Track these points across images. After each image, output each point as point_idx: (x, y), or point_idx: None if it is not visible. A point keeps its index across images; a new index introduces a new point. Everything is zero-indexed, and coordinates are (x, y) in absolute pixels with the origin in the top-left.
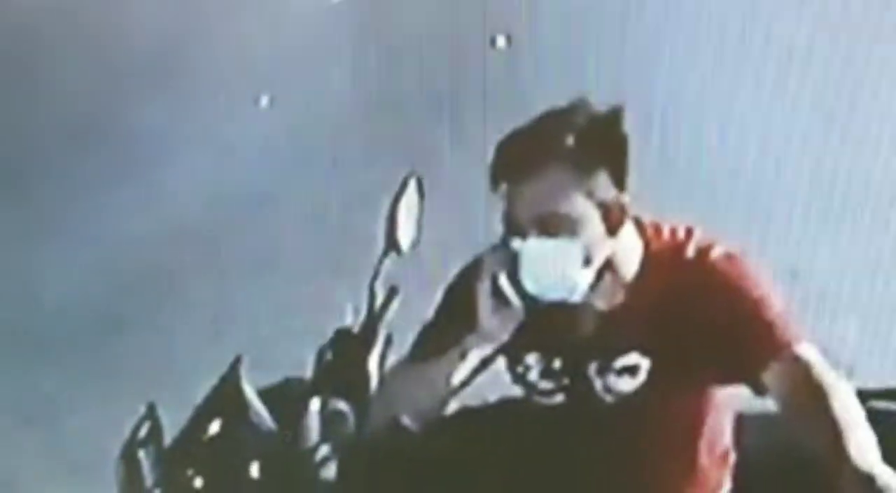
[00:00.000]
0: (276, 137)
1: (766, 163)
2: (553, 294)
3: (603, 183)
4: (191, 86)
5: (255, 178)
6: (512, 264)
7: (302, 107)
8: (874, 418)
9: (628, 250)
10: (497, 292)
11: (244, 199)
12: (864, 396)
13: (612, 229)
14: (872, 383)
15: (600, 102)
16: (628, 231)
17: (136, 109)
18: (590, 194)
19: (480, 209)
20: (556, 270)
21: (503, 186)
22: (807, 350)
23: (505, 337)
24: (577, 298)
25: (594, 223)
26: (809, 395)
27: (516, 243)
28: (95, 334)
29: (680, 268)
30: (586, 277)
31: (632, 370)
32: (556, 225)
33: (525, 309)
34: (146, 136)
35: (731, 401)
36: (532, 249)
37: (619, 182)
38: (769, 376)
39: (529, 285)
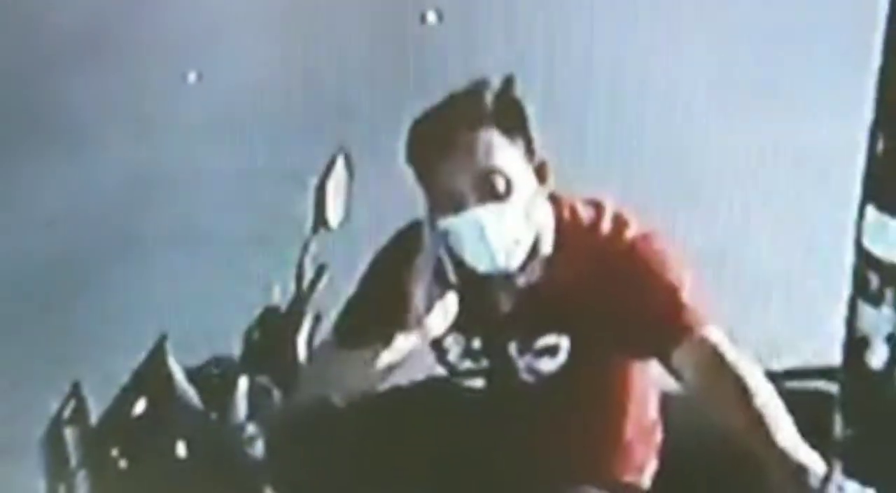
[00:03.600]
0: (203, 112)
1: (691, 141)
2: (502, 262)
3: (522, 147)
4: (118, 61)
5: (182, 154)
6: (449, 242)
7: (229, 83)
8: (797, 396)
9: (543, 225)
10: (438, 278)
11: (171, 175)
12: (788, 375)
13: (542, 179)
14: (796, 362)
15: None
16: (543, 204)
17: (60, 84)
18: (517, 153)
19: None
20: (506, 234)
21: (427, 164)
22: (713, 333)
23: (442, 327)
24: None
25: (528, 180)
26: (716, 377)
27: (452, 219)
28: (18, 314)
29: (595, 245)
30: (528, 239)
31: (552, 350)
32: (495, 184)
33: (461, 291)
34: (71, 111)
35: (655, 379)
36: (478, 217)
37: (531, 149)
38: (678, 358)
39: (478, 257)
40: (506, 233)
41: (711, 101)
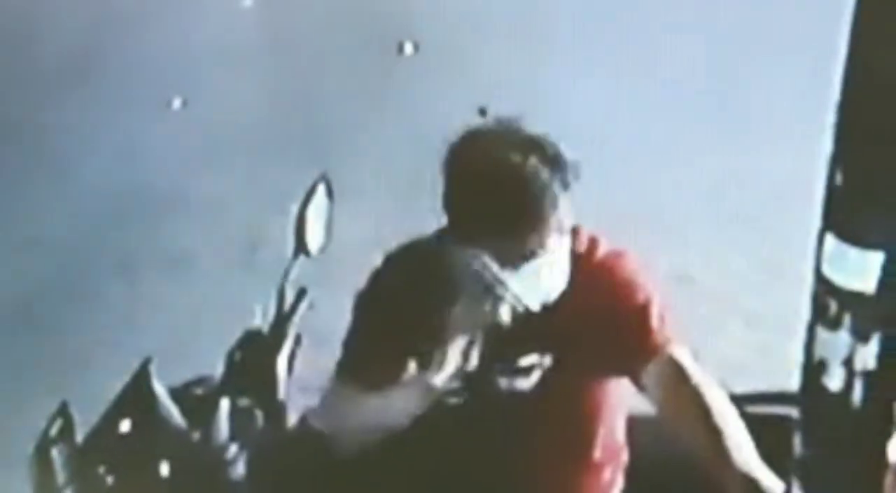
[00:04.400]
0: (188, 138)
1: (655, 168)
2: (541, 303)
3: (561, 200)
4: (105, 87)
5: (166, 178)
6: (504, 291)
7: (213, 109)
8: (756, 420)
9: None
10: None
11: (156, 199)
12: (749, 399)
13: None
14: (754, 387)
15: (504, 111)
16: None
17: (49, 110)
18: (554, 211)
19: (388, 212)
20: (558, 279)
21: (494, 212)
22: (680, 352)
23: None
24: None
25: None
26: (679, 395)
27: (525, 266)
28: (6, 333)
29: (574, 266)
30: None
31: (529, 370)
32: (561, 234)
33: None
34: (60, 136)
35: (624, 401)
36: (540, 269)
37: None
38: (646, 376)
39: (526, 298)
40: (558, 278)
41: (675, 129)
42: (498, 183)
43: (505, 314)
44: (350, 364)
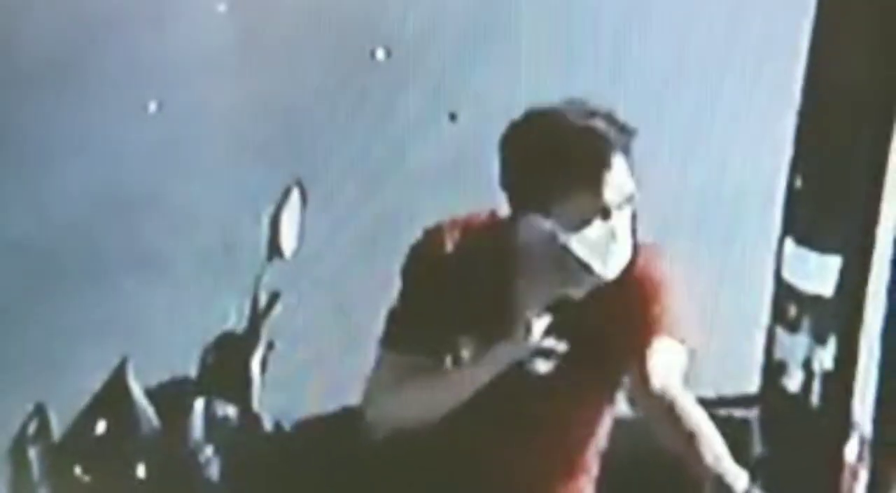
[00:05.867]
0: (163, 141)
1: None
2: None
3: (619, 160)
4: (80, 90)
5: (142, 181)
6: (570, 258)
7: (189, 113)
8: (718, 423)
9: None
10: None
11: (131, 202)
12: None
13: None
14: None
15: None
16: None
17: (24, 112)
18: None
19: (361, 215)
20: (618, 250)
21: (560, 173)
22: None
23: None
24: None
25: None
26: (660, 398)
27: (573, 235)
28: None
29: None
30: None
31: (547, 353)
32: (626, 198)
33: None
34: (34, 138)
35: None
36: (602, 235)
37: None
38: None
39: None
40: (624, 246)
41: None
42: (558, 139)
43: (576, 287)
44: (404, 338)
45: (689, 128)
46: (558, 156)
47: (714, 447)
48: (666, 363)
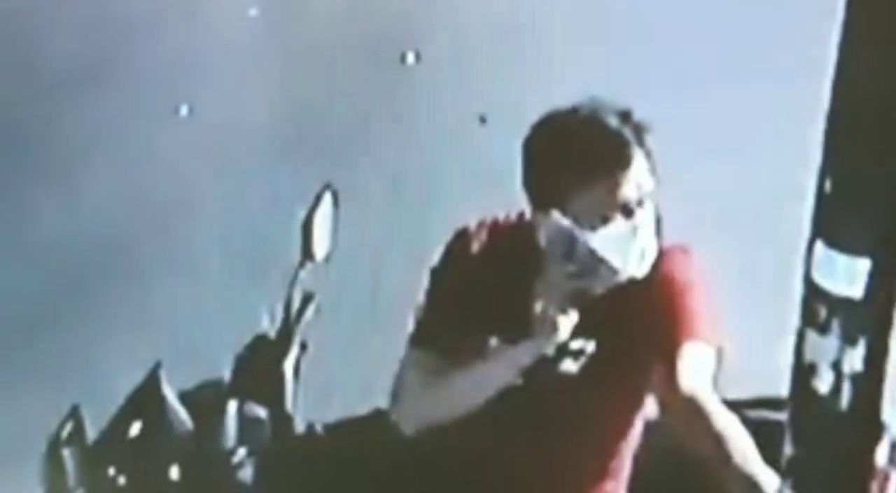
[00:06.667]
0: (194, 145)
1: None
2: (635, 270)
3: (637, 154)
4: (112, 94)
5: (174, 185)
6: (591, 255)
7: (220, 116)
8: (748, 426)
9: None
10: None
11: (163, 206)
12: (738, 405)
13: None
14: (748, 392)
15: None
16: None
17: (57, 116)
18: (631, 165)
19: (392, 219)
20: (643, 247)
21: (578, 174)
22: (687, 362)
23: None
24: None
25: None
26: (688, 399)
27: (594, 233)
28: (17, 337)
29: None
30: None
31: (577, 354)
32: (642, 197)
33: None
34: (68, 142)
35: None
36: (623, 232)
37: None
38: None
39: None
40: (650, 244)
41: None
42: (573, 137)
43: (599, 283)
44: (431, 336)
45: (719, 129)
46: (573, 153)
47: (743, 450)
48: (694, 366)
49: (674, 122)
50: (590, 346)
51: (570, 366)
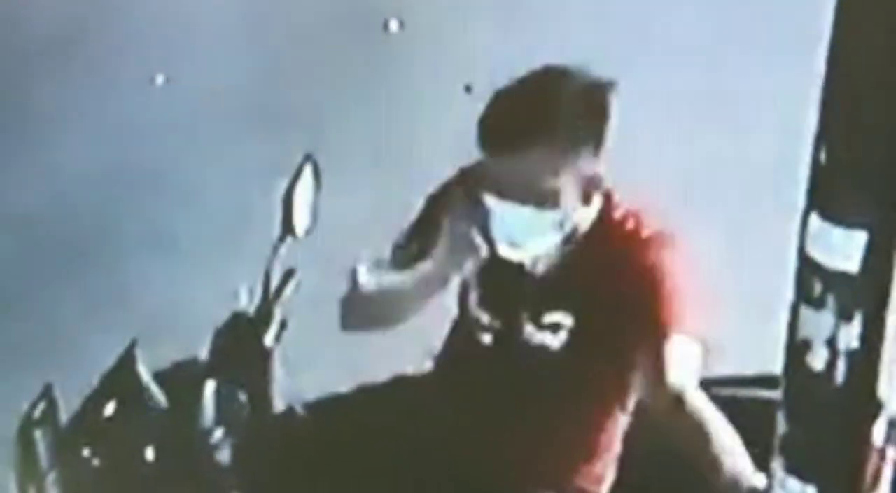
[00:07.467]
0: (171, 115)
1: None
2: (516, 255)
3: (585, 155)
4: (86, 63)
5: (149, 157)
6: (484, 220)
7: (197, 85)
8: (740, 403)
9: (585, 219)
10: (462, 236)
11: (139, 178)
12: (730, 382)
13: (587, 199)
14: (740, 369)
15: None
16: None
17: (30, 87)
18: (573, 168)
19: (375, 190)
20: (529, 236)
21: (489, 150)
22: (672, 355)
23: (458, 275)
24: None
25: (572, 195)
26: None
27: (492, 201)
28: None
29: (619, 238)
30: (554, 241)
31: (556, 328)
32: (538, 198)
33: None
34: (40, 113)
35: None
36: (510, 214)
37: (598, 153)
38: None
39: (499, 242)
40: (539, 241)
41: (659, 110)
42: (519, 97)
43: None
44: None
45: (713, 99)
46: (516, 106)
47: (731, 447)
48: (680, 361)
49: (667, 92)
50: (567, 320)
51: (549, 340)
